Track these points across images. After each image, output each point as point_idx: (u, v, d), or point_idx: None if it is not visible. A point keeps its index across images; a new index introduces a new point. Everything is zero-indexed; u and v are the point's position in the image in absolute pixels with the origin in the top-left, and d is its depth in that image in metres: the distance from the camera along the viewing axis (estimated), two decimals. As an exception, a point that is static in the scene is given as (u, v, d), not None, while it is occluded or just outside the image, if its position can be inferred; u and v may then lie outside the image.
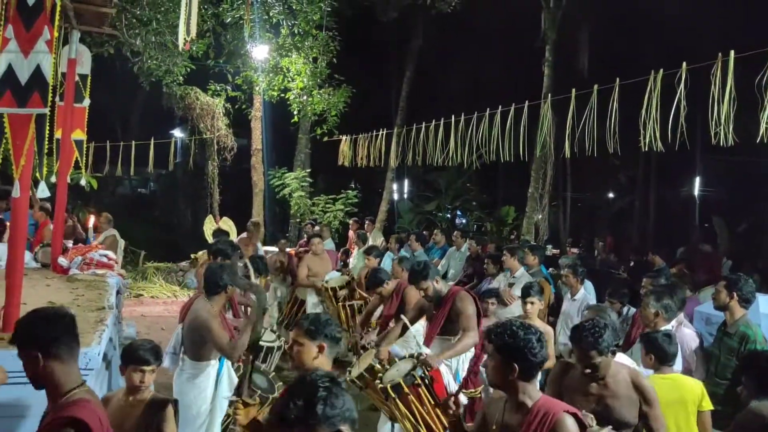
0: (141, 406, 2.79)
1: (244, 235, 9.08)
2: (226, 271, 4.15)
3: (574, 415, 2.34)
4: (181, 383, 4.11)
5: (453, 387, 4.05)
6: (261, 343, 4.65)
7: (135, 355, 2.79)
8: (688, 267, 9.36)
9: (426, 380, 3.75)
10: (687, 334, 4.45)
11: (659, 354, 3.46)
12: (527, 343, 2.33)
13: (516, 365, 2.33)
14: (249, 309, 5.40)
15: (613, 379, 2.93)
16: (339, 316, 6.42)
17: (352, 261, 9.65)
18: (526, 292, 4.90)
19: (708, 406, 3.40)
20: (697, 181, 19.26)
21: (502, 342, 2.37)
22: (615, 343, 2.96)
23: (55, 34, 3.64)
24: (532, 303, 4.82)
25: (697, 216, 19.31)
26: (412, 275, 4.50)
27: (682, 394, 3.35)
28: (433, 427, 3.67)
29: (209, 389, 4.09)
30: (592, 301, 5.85)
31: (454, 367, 4.42)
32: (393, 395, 3.64)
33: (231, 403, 3.56)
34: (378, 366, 4.03)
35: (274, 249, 12.60)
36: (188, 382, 4.07)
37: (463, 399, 3.91)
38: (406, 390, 3.68)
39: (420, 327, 4.87)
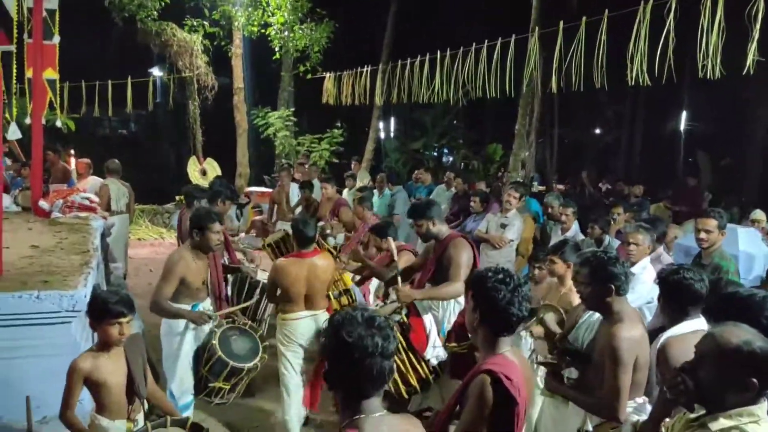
0: (122, 354, 2.78)
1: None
2: (202, 212, 4.06)
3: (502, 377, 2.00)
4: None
5: (435, 339, 3.93)
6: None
7: (109, 309, 2.64)
8: (672, 202, 9.57)
9: (404, 326, 3.71)
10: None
11: None
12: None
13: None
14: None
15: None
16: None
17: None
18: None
19: None
20: (684, 115, 19.22)
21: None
22: None
23: (15, -36, 3.42)
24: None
25: (682, 150, 19.41)
26: (412, 210, 4.25)
27: None
28: (408, 378, 3.64)
29: (180, 327, 3.97)
30: (580, 236, 5.93)
31: (440, 319, 4.07)
32: None
33: None
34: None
35: (261, 189, 12.56)
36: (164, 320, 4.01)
37: (443, 353, 3.85)
38: None
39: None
